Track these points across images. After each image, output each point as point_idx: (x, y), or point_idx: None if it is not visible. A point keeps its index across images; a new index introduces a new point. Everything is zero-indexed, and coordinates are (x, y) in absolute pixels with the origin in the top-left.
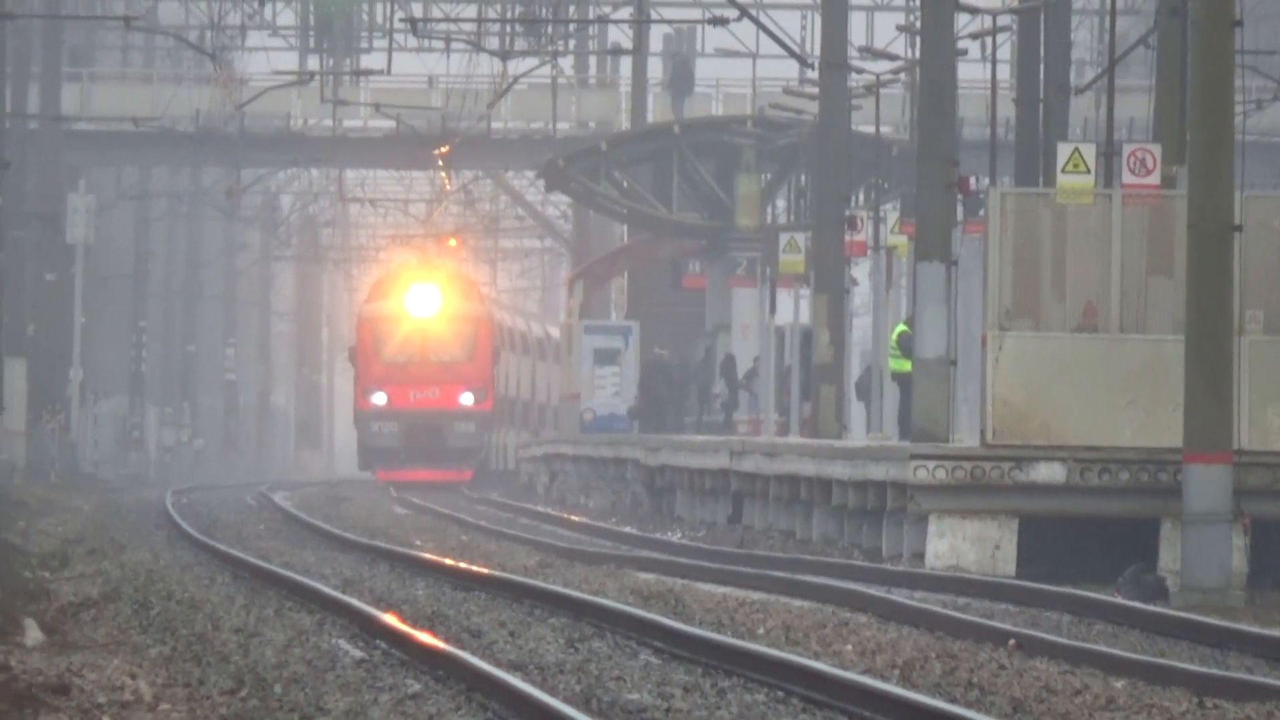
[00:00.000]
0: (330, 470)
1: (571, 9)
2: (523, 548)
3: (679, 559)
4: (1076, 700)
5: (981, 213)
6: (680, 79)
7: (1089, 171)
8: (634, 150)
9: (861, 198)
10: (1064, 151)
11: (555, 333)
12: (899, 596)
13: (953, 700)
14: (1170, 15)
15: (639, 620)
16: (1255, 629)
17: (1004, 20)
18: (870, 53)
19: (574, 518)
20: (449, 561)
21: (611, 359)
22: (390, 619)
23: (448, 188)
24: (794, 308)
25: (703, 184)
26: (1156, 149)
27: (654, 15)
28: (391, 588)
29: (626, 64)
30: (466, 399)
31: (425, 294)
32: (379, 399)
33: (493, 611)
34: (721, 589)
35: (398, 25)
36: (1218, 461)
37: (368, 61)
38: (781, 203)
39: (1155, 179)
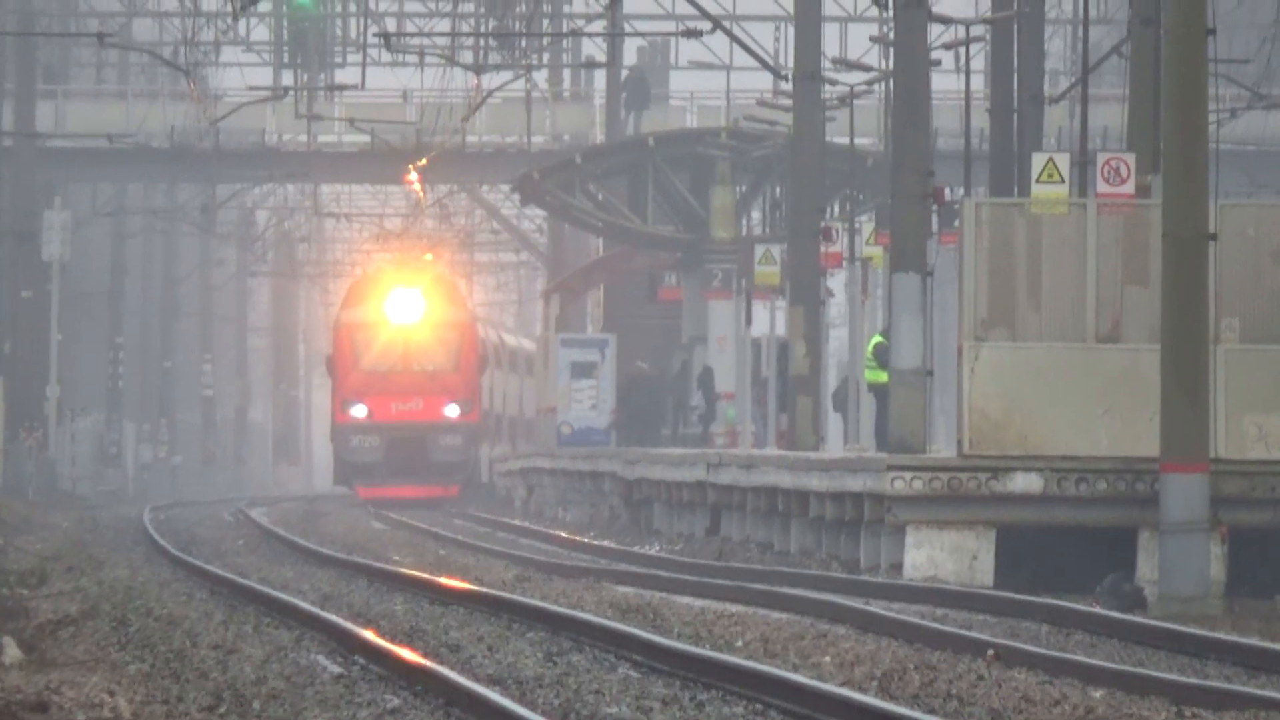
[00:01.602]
0: (308, 485)
1: (545, 22)
2: (500, 562)
3: (657, 572)
4: (1055, 710)
5: (956, 223)
6: (637, 93)
7: (1063, 181)
8: (609, 163)
9: (836, 209)
10: (1038, 161)
11: (530, 345)
12: (877, 608)
13: (931, 711)
14: (1143, 24)
15: (617, 634)
16: (1233, 637)
17: (977, 30)
18: (844, 64)
19: (552, 531)
20: (427, 576)
21: (588, 372)
22: (369, 634)
23: (423, 201)
24: (770, 319)
25: (678, 196)
26: (1131, 158)
27: (627, 28)
28: (370, 603)
29: (601, 77)
30: (452, 411)
31: (407, 299)
32: (358, 411)
33: (471, 626)
34: (700, 602)
35: (371, 40)
36: (1195, 470)
37: (342, 76)
38: (756, 214)
39: (1129, 188)
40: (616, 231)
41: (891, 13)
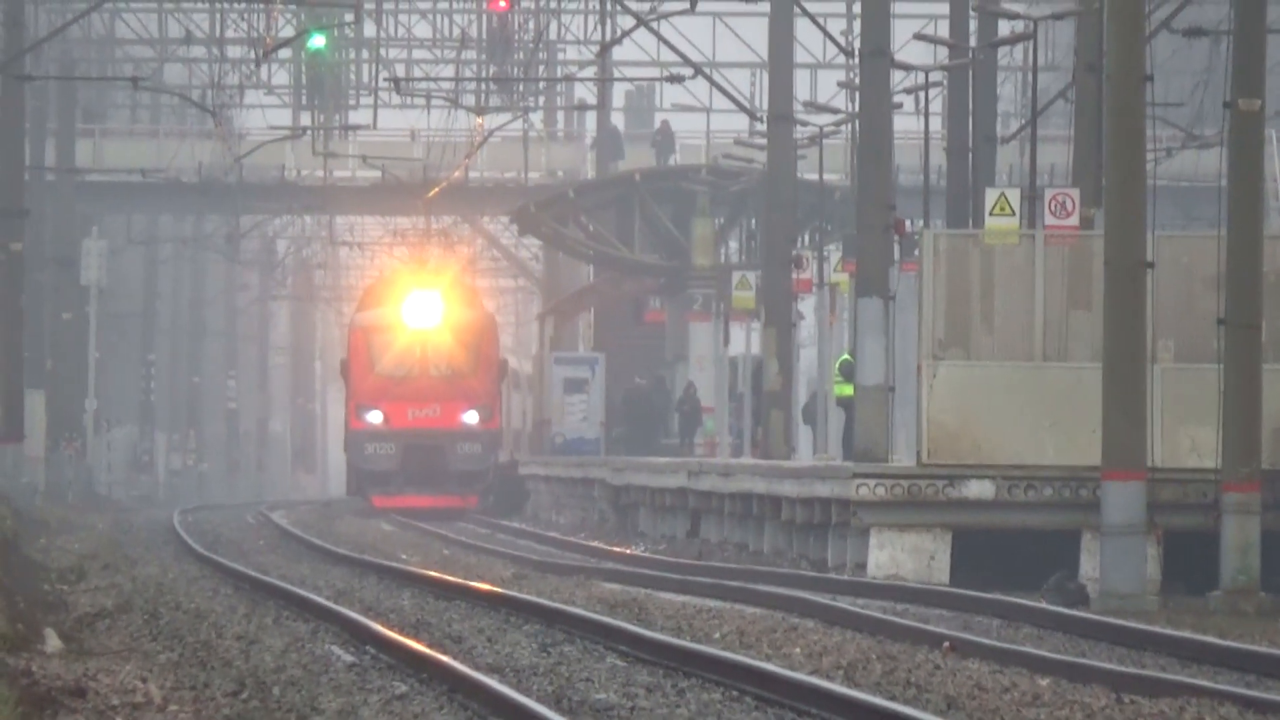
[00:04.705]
0: (325, 491)
1: (541, 68)
2: (499, 560)
3: (642, 570)
4: (1005, 697)
5: (916, 252)
6: (610, 146)
7: (1014, 214)
8: (599, 197)
9: (807, 239)
10: (991, 196)
11: (526, 365)
12: (843, 603)
13: (892, 698)
14: (1087, 71)
15: (606, 626)
16: (1168, 631)
17: (936, 76)
18: (814, 107)
19: (546, 533)
20: (432, 573)
21: (580, 388)
22: (379, 626)
23: (429, 227)
24: (746, 340)
25: (662, 227)
26: (1075, 193)
27: (616, 74)
28: (380, 598)
29: (592, 118)
30: (471, 417)
31: (425, 301)
32: (374, 417)
33: (472, 619)
34: (681, 597)
35: (382, 84)
36: (1133, 478)
37: (355, 117)
38: (734, 244)
39: (1074, 221)
40: (606, 259)
41: (857, 60)
